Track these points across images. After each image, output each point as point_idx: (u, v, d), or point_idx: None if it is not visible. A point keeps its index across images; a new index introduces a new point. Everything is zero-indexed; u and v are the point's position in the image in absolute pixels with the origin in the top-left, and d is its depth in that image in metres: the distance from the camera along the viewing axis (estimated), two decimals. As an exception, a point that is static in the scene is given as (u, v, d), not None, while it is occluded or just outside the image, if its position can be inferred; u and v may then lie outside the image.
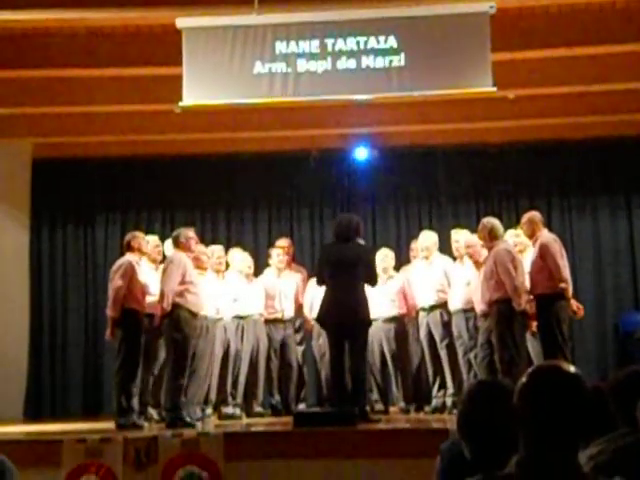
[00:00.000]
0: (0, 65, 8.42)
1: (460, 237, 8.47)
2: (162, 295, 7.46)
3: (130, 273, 7.63)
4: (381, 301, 8.52)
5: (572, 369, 2.24)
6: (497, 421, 2.47)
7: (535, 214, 7.91)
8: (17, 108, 9.45)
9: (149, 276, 7.93)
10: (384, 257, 8.78)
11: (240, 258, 8.87)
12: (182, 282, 7.51)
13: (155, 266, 8.17)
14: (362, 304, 7.28)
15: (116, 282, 7.58)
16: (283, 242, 9.36)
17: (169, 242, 8.23)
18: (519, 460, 2.15)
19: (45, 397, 10.61)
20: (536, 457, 2.13)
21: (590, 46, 8.10)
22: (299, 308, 9.07)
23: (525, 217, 7.90)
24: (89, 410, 10.39)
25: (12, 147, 10.62)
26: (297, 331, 9.16)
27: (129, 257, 7.79)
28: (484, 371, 7.68)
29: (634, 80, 8.85)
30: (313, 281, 8.56)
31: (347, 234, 7.48)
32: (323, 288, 7.58)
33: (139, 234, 8.14)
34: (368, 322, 7.42)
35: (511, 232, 8.14)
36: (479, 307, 7.85)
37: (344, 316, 7.22)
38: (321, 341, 8.66)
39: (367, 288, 7.86)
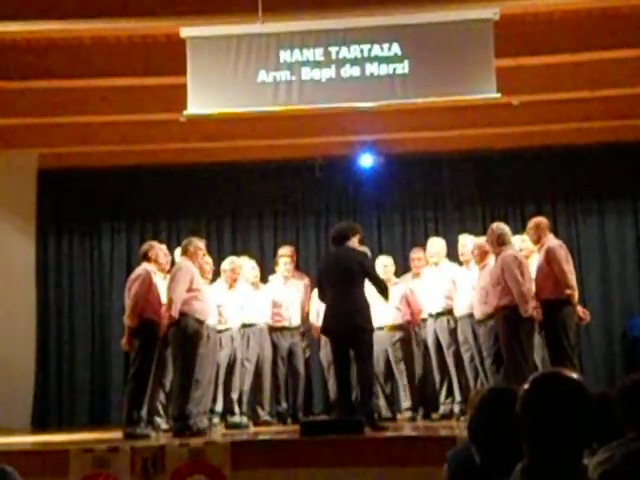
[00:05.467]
0: (5, 76, 8.46)
1: (467, 241, 8.47)
2: (170, 303, 7.45)
3: (148, 283, 7.60)
4: (385, 309, 8.53)
5: (574, 376, 2.23)
6: (508, 427, 2.47)
7: (542, 220, 7.89)
8: (22, 119, 9.48)
9: (159, 285, 7.92)
10: (384, 267, 8.75)
11: (247, 267, 8.87)
12: (189, 289, 7.50)
13: (163, 275, 8.16)
14: (361, 310, 7.23)
15: (135, 292, 7.57)
16: (287, 250, 9.33)
17: (178, 251, 8.22)
18: (523, 468, 2.15)
19: (52, 407, 10.61)
20: (540, 464, 2.12)
21: (594, 51, 8.09)
22: (305, 316, 9.07)
23: (531, 222, 7.89)
24: (96, 420, 10.39)
25: (18, 158, 10.66)
26: (302, 338, 9.15)
27: (146, 267, 7.78)
28: (493, 376, 7.65)
29: (639, 85, 8.84)
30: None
31: (337, 238, 7.51)
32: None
33: (156, 244, 8.10)
34: (369, 328, 7.35)
35: (517, 238, 8.13)
36: (478, 311, 7.83)
37: (344, 324, 7.20)
38: (328, 349, 8.65)
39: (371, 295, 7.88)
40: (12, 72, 8.42)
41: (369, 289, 7.49)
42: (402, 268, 9.31)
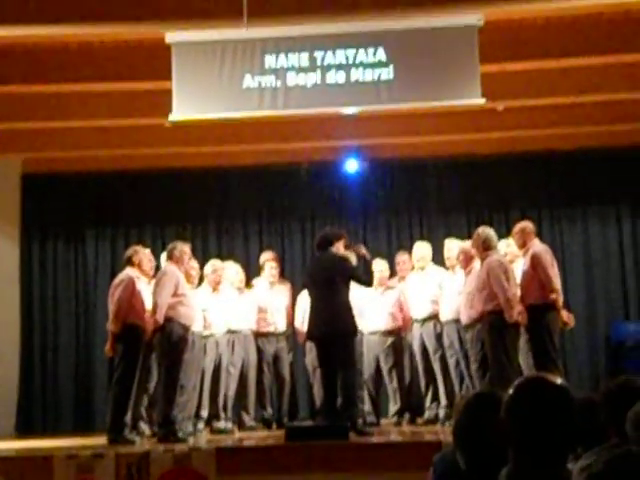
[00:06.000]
0: (-11, 81, 8.43)
1: (453, 246, 8.48)
2: (155, 307, 7.43)
3: (131, 288, 7.60)
4: (379, 314, 8.53)
5: (558, 381, 2.24)
6: (493, 433, 2.47)
7: (527, 224, 7.93)
8: (6, 123, 9.43)
9: (143, 290, 7.90)
10: (379, 272, 8.76)
11: (232, 271, 8.85)
12: (175, 294, 7.49)
13: (147, 280, 8.14)
14: (342, 314, 7.24)
15: (118, 297, 7.54)
16: (272, 254, 9.28)
17: (164, 256, 8.20)
18: (508, 472, 2.15)
19: (36, 413, 10.55)
20: (525, 469, 2.13)
21: (578, 57, 8.13)
22: (290, 321, 9.06)
23: (517, 227, 7.92)
24: (81, 426, 10.33)
25: (1, 162, 10.60)
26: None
27: (130, 272, 7.75)
28: (480, 381, 7.66)
29: (622, 91, 8.89)
30: (304, 294, 8.56)
31: (321, 244, 7.53)
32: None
33: (140, 249, 8.10)
34: (351, 331, 7.35)
35: (503, 242, 8.15)
36: (465, 316, 7.84)
37: (325, 329, 7.22)
38: (313, 354, 8.65)
39: (361, 300, 7.87)
40: (-4, 77, 8.39)
41: (359, 293, 7.48)
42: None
